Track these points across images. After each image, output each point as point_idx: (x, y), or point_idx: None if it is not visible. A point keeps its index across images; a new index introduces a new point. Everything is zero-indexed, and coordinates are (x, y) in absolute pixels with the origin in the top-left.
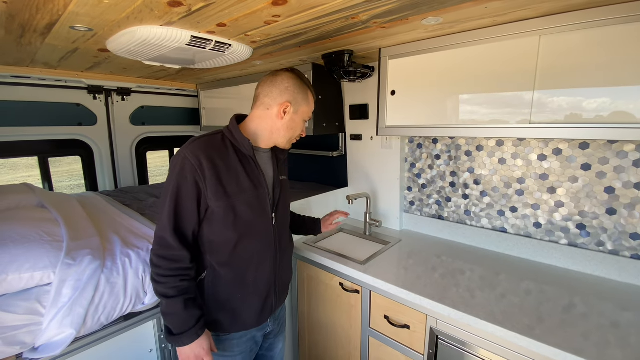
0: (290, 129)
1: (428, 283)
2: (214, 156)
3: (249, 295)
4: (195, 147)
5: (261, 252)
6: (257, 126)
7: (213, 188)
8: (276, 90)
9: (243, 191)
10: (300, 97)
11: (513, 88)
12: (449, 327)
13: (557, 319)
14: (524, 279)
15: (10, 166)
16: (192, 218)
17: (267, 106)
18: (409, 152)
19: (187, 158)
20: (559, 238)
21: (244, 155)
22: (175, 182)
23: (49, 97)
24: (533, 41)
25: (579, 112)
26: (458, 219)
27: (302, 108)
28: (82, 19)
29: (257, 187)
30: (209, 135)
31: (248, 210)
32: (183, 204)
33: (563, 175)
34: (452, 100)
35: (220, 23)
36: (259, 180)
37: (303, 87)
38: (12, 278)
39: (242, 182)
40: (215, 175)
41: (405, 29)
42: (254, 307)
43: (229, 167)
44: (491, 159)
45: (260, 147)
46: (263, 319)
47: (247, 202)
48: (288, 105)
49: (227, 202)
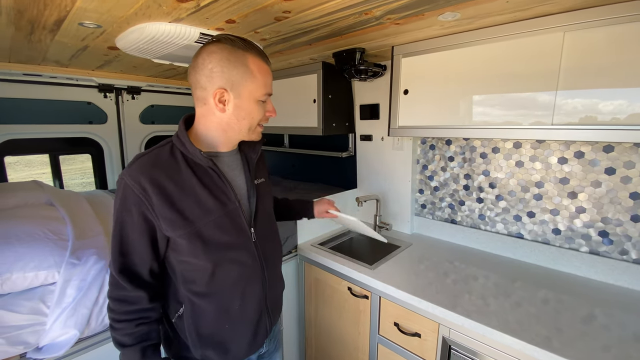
0: (243, 118)
1: (440, 289)
2: (160, 177)
3: (237, 325)
4: (135, 170)
5: (244, 276)
6: (205, 127)
7: (166, 217)
8: (202, 78)
9: (207, 212)
10: (235, 73)
11: (534, 88)
12: (462, 336)
13: (576, 331)
14: (541, 287)
15: (25, 163)
16: (145, 256)
17: (203, 100)
18: (421, 153)
19: (127, 186)
20: (580, 245)
21: (200, 167)
22: (118, 216)
23: (61, 95)
24: (557, 38)
25: (604, 113)
26: (472, 223)
27: (246, 87)
28: (90, 15)
29: (224, 203)
30: (155, 149)
31: (219, 234)
32: (130, 241)
33: (585, 179)
34: (468, 100)
35: (230, 19)
36: (226, 194)
37: (236, 55)
38: (16, 277)
39: (204, 201)
40: (166, 201)
41: (420, 25)
42: (245, 336)
43: (182, 186)
44: (508, 162)
45: (220, 151)
46: (257, 345)
47: (216, 224)
48: (223, 92)
49: (189, 229)
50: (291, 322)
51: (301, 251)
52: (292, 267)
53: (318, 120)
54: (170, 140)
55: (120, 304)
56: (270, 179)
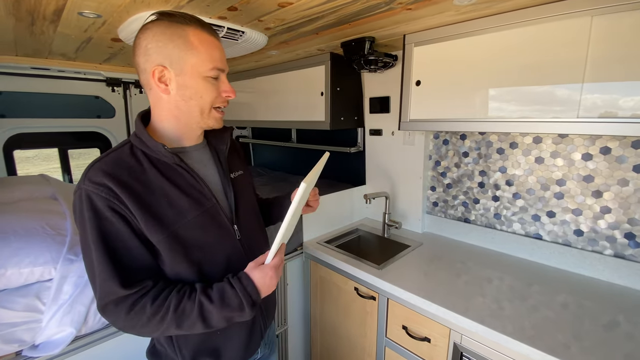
0: (190, 98)
1: (451, 291)
2: (125, 178)
3: (231, 330)
4: (95, 175)
5: None
6: (159, 117)
7: (141, 219)
8: (140, 59)
9: (182, 214)
10: (172, 46)
11: (557, 79)
12: (475, 343)
13: (597, 338)
14: (561, 291)
15: (43, 157)
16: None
17: (147, 85)
18: (434, 148)
19: (91, 193)
20: (604, 248)
21: (166, 165)
22: (94, 231)
23: (69, 89)
24: (584, 23)
25: (635, 106)
26: (486, 222)
27: (187, 62)
28: (88, 4)
29: (200, 202)
30: (111, 153)
31: (199, 235)
32: (121, 249)
33: (611, 177)
34: (484, 92)
35: (231, 6)
36: (201, 192)
37: (172, 28)
38: (11, 273)
39: (177, 202)
40: (136, 202)
41: (433, 10)
42: (239, 340)
43: (150, 188)
44: (527, 158)
45: (185, 145)
46: (252, 349)
47: (194, 225)
48: (163, 70)
49: (167, 233)
50: (297, 320)
51: (307, 249)
52: (298, 265)
53: (325, 114)
54: (128, 140)
55: (142, 311)
56: (250, 171)
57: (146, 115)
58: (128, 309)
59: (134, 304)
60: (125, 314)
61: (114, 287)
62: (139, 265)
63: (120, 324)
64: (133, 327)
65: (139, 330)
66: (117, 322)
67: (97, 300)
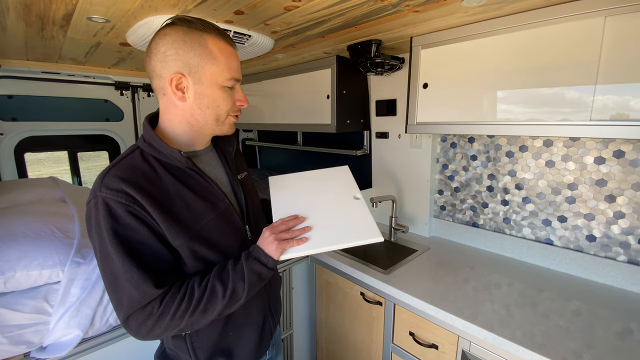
0: (207, 107)
1: (459, 297)
2: (142, 184)
3: (243, 329)
4: (112, 181)
5: None
6: (170, 123)
7: (164, 224)
8: (157, 64)
9: (200, 217)
10: (192, 55)
11: (569, 81)
12: (484, 351)
13: (610, 347)
14: (572, 298)
15: (54, 159)
16: (165, 257)
17: (161, 91)
18: (441, 151)
19: (110, 200)
20: (617, 254)
21: (179, 170)
22: (114, 238)
23: (78, 93)
24: (597, 23)
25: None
26: (495, 227)
27: (206, 71)
28: (97, 9)
29: (215, 204)
30: (123, 160)
31: (216, 236)
32: (147, 255)
33: (625, 181)
34: (493, 94)
35: (238, 10)
36: (214, 194)
37: (192, 36)
38: (20, 275)
39: (194, 206)
40: (156, 206)
41: (441, 12)
42: (251, 341)
43: (168, 193)
44: (537, 161)
45: (196, 149)
46: (263, 349)
47: (211, 227)
48: (180, 78)
49: (189, 237)
50: (302, 324)
51: None
52: (303, 268)
53: (332, 117)
54: (137, 146)
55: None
56: (251, 173)
57: (153, 119)
58: (159, 305)
59: (165, 296)
60: (155, 311)
61: (149, 289)
62: (167, 266)
63: (147, 325)
64: (160, 324)
65: (167, 325)
66: (143, 326)
67: (123, 310)
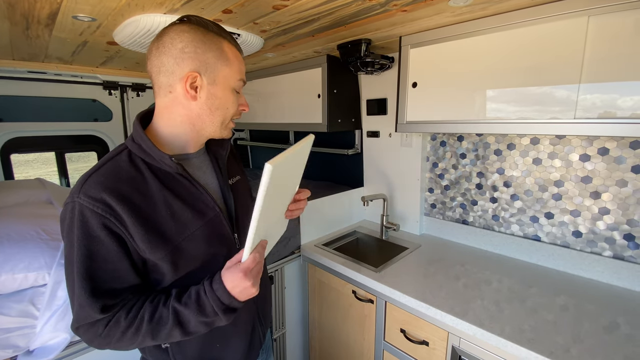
0: (217, 108)
1: (450, 294)
2: (127, 191)
3: (230, 340)
4: (93, 187)
5: None
6: (169, 122)
7: (142, 238)
8: (170, 60)
9: (185, 227)
10: (211, 55)
11: (554, 80)
12: (473, 347)
13: (597, 340)
14: (560, 293)
15: (43, 160)
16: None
17: (168, 88)
18: (431, 150)
19: (85, 208)
20: (603, 249)
21: (168, 175)
22: (81, 249)
23: (66, 92)
24: (580, 23)
25: (633, 106)
26: (485, 224)
27: (220, 72)
28: (82, 8)
29: (203, 213)
30: (109, 162)
31: (202, 246)
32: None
33: (609, 178)
34: (481, 93)
35: (226, 9)
36: (204, 202)
37: (211, 38)
38: (5, 278)
39: (180, 214)
40: (138, 218)
41: (428, 12)
42: (239, 351)
43: (153, 200)
44: (524, 159)
45: (189, 152)
46: (252, 357)
47: (196, 237)
48: (196, 77)
49: (170, 248)
50: (294, 324)
51: (304, 252)
52: (295, 268)
53: (323, 116)
54: (125, 146)
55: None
56: (246, 175)
57: (145, 117)
58: (103, 327)
59: (109, 321)
60: (100, 332)
61: (92, 313)
62: (124, 287)
63: (96, 342)
64: (108, 344)
65: (115, 345)
66: (92, 342)
67: (74, 318)
